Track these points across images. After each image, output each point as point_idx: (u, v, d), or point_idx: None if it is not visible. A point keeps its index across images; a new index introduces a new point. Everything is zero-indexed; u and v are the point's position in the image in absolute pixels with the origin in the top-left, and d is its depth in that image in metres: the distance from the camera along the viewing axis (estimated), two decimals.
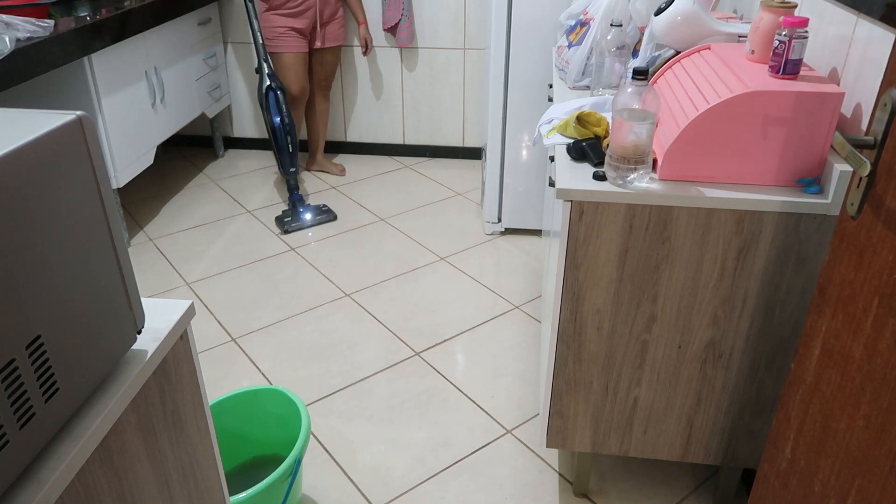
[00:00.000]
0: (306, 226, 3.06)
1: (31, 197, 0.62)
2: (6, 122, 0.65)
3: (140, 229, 3.07)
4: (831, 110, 1.24)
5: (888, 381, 0.87)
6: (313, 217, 3.09)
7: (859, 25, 1.31)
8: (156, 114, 3.01)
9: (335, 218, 3.11)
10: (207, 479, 1.03)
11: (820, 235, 1.31)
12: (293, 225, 3.04)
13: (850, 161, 0.94)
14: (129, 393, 0.77)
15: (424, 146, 3.78)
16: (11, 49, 2.10)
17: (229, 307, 2.51)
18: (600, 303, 1.43)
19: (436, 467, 1.84)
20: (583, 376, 1.53)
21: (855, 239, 0.97)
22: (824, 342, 1.04)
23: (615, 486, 1.77)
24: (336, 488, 1.79)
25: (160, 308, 0.90)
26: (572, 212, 1.35)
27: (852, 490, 0.95)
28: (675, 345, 1.46)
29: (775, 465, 1.20)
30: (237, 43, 3.64)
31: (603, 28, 1.83)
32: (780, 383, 1.48)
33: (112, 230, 0.74)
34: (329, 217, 3.11)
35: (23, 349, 0.61)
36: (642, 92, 1.26)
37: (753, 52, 1.39)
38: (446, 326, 2.40)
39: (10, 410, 0.60)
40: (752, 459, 1.59)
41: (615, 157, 1.32)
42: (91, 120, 0.70)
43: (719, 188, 1.32)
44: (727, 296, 1.39)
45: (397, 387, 2.13)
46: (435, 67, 3.57)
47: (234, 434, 1.73)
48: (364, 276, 2.69)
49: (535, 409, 2.04)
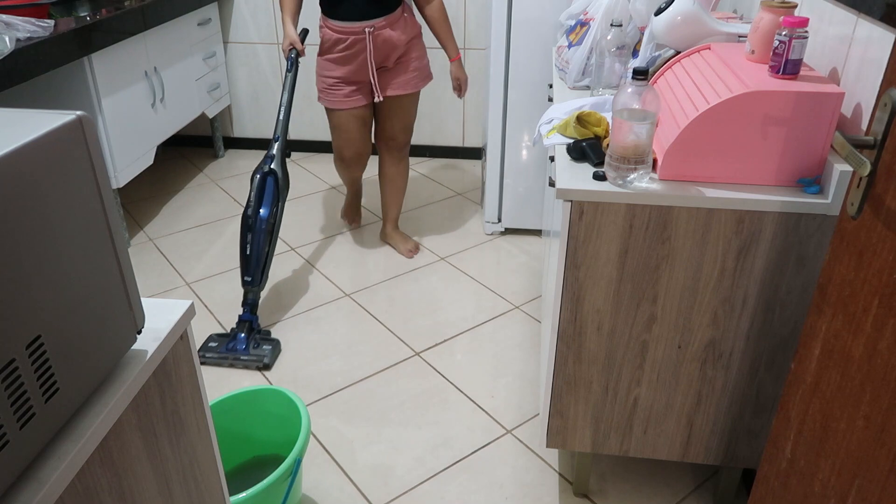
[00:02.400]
0: (225, 363, 2.20)
1: (31, 197, 0.62)
2: (6, 122, 0.65)
3: (140, 229, 3.07)
4: (831, 110, 1.24)
5: (888, 381, 0.87)
6: (243, 353, 2.21)
7: (859, 25, 1.31)
8: (156, 114, 3.01)
9: (268, 366, 2.19)
10: (207, 479, 1.03)
11: (820, 235, 1.31)
12: (210, 356, 2.21)
13: (850, 161, 0.94)
14: (129, 393, 0.77)
15: (424, 146, 3.78)
16: (11, 49, 2.10)
17: (229, 307, 2.51)
18: (600, 303, 1.43)
19: (436, 467, 1.84)
20: (583, 376, 1.53)
21: (855, 239, 0.97)
22: (824, 342, 1.04)
23: (615, 486, 1.77)
24: (336, 488, 1.79)
25: (160, 308, 0.90)
26: (572, 212, 1.35)
27: (852, 490, 0.95)
28: (675, 345, 1.46)
29: (775, 465, 1.20)
30: (237, 43, 3.64)
31: (603, 28, 1.83)
32: (780, 383, 1.48)
33: (112, 230, 0.74)
34: (260, 361, 2.19)
35: (23, 349, 0.61)
36: (642, 92, 1.26)
37: (753, 52, 1.39)
38: (446, 326, 2.39)
39: (10, 410, 0.60)
40: (752, 459, 1.59)
41: (615, 157, 1.32)
42: (91, 120, 0.70)
43: (719, 188, 1.32)
44: (727, 296, 1.39)
45: (397, 387, 2.12)
46: (435, 67, 3.56)
47: (234, 434, 1.73)
48: (364, 276, 2.69)
49: (535, 409, 2.04)
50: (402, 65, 2.49)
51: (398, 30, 2.38)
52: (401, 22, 2.38)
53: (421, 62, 2.53)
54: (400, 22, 2.38)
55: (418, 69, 2.53)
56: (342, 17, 2.34)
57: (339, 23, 2.35)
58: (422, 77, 2.56)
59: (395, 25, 2.36)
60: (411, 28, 2.43)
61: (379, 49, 2.38)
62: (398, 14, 2.36)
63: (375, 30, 2.33)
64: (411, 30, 2.44)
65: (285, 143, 2.41)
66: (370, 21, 2.32)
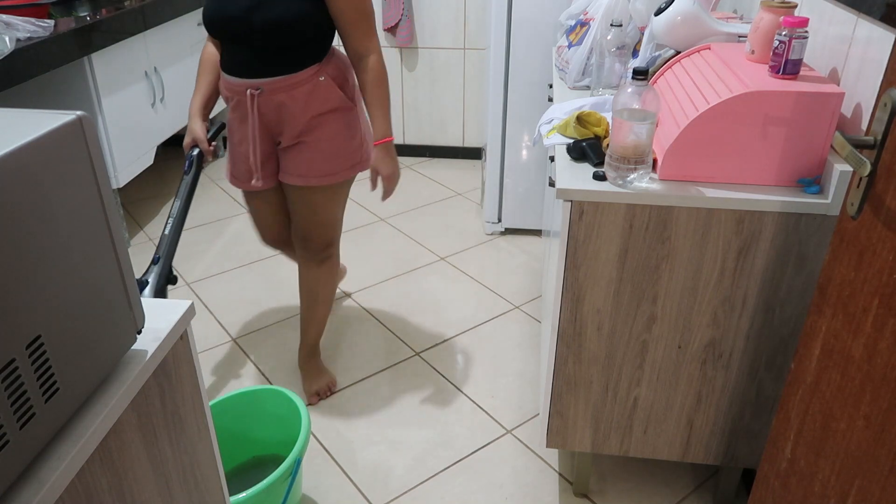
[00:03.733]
0: None
1: (31, 197, 0.62)
2: (6, 122, 0.65)
3: (140, 229, 3.07)
4: (831, 110, 1.24)
5: (888, 381, 0.87)
6: None
7: (859, 25, 1.31)
8: (156, 114, 3.01)
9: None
10: (207, 479, 1.03)
11: (820, 235, 1.31)
12: None
13: (850, 161, 0.94)
14: (129, 393, 0.77)
15: (424, 146, 3.78)
16: (11, 49, 2.10)
17: (229, 307, 2.51)
18: (600, 303, 1.43)
19: (436, 467, 1.84)
20: (583, 376, 1.53)
21: (855, 239, 0.97)
22: (824, 342, 1.04)
23: (615, 486, 1.77)
24: (336, 488, 1.79)
25: (160, 308, 0.90)
26: (572, 212, 1.35)
27: (852, 490, 0.95)
28: (675, 345, 1.46)
29: (775, 465, 1.20)
30: None
31: (603, 28, 1.83)
32: (780, 383, 1.48)
33: (112, 230, 0.74)
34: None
35: (23, 349, 0.61)
36: (642, 92, 1.26)
37: (753, 52, 1.39)
38: (446, 326, 2.40)
39: (10, 410, 0.60)
40: (752, 459, 1.59)
41: (615, 157, 1.32)
42: (91, 120, 0.70)
43: (719, 188, 1.32)
44: (727, 296, 1.39)
45: (397, 387, 2.12)
46: (435, 67, 3.57)
47: (234, 434, 1.73)
48: (364, 276, 2.69)
49: (535, 409, 2.04)
50: (304, 146, 1.76)
51: (300, 98, 1.69)
52: (307, 88, 1.68)
53: (334, 145, 1.76)
54: (305, 88, 1.68)
55: (329, 156, 1.77)
56: (227, 69, 1.74)
57: (226, 77, 1.75)
58: (335, 168, 1.78)
59: (297, 91, 1.68)
60: (327, 99, 1.72)
61: (267, 117, 1.74)
62: (304, 77, 1.67)
63: (264, 92, 1.69)
64: (326, 102, 1.72)
65: (169, 269, 1.79)
66: (255, 80, 1.68)
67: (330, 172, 1.79)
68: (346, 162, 1.80)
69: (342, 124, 1.77)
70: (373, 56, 1.71)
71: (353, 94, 1.79)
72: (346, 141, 1.78)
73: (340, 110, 1.76)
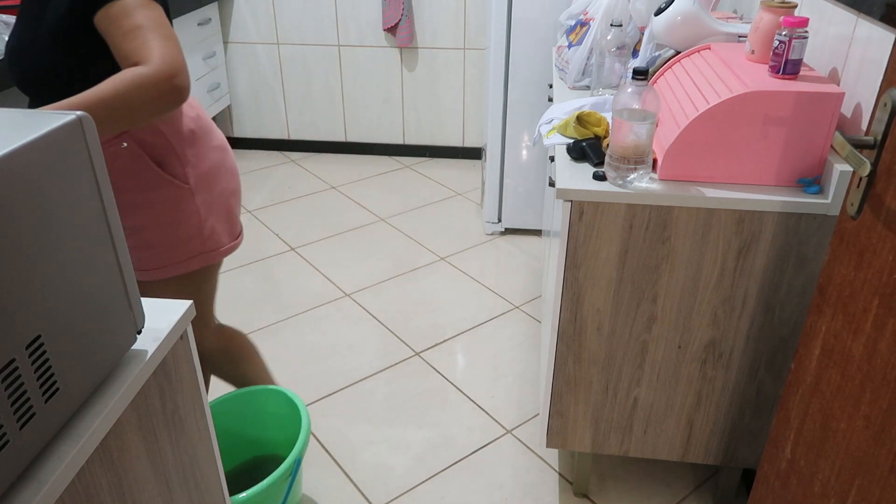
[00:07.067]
0: None
1: (31, 197, 0.62)
2: (6, 122, 0.65)
3: None
4: (831, 110, 1.24)
5: (888, 381, 0.87)
6: None
7: (859, 25, 1.31)
8: None
9: None
10: (207, 479, 1.03)
11: (820, 235, 1.31)
12: None
13: (850, 161, 0.94)
14: (129, 393, 0.77)
15: (424, 146, 3.78)
16: None
17: (229, 307, 2.51)
18: (600, 303, 1.43)
19: (436, 467, 1.84)
20: (583, 376, 1.53)
21: (855, 239, 0.97)
22: (824, 342, 1.04)
23: (615, 486, 1.77)
24: (336, 488, 1.79)
25: (160, 308, 0.90)
26: (572, 212, 1.35)
27: (852, 490, 0.95)
28: (675, 345, 1.46)
29: (775, 465, 1.20)
30: (237, 43, 3.64)
31: (603, 28, 1.83)
32: (780, 383, 1.48)
33: (112, 230, 0.74)
34: None
35: (23, 349, 0.61)
36: (642, 92, 1.26)
37: (753, 52, 1.39)
38: (446, 326, 2.39)
39: (10, 410, 0.60)
40: (752, 459, 1.59)
41: (615, 157, 1.32)
42: (91, 120, 0.70)
43: (719, 188, 1.32)
44: (727, 296, 1.39)
45: (397, 387, 2.12)
46: (435, 67, 3.57)
47: (234, 434, 1.73)
48: (364, 276, 2.69)
49: (535, 409, 2.04)
50: (129, 233, 1.34)
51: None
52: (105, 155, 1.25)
53: (159, 235, 1.36)
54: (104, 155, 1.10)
55: (158, 247, 1.37)
56: None
57: None
58: (166, 261, 1.39)
59: None
60: (135, 174, 1.30)
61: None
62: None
63: None
64: (135, 178, 1.30)
65: None
66: None
67: (160, 266, 1.39)
68: (181, 254, 1.39)
69: (168, 208, 1.34)
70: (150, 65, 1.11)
71: (184, 172, 1.34)
72: (175, 229, 1.36)
73: (159, 190, 1.32)
